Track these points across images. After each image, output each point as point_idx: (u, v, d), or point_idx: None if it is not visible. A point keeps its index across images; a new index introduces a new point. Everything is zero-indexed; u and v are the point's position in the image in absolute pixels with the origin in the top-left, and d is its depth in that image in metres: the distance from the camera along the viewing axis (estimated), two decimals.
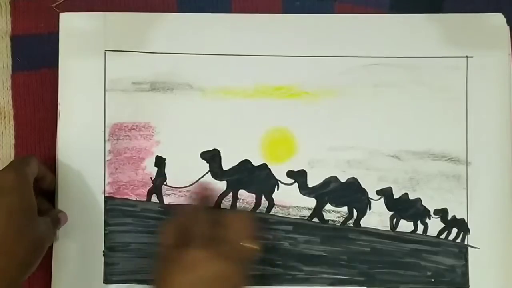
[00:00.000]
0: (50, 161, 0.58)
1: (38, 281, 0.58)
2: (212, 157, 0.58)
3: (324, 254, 0.58)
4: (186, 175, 0.58)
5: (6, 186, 0.48)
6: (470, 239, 0.58)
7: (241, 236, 0.49)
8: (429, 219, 0.58)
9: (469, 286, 0.57)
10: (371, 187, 0.58)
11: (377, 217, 0.58)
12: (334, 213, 0.58)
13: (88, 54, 0.58)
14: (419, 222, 0.58)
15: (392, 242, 0.58)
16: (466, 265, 0.58)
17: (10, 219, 0.48)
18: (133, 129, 0.58)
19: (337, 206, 0.58)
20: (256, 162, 0.58)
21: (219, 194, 0.58)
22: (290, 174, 0.58)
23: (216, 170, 0.58)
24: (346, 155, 0.58)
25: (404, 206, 0.58)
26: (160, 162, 0.58)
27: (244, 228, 0.50)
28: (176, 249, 0.48)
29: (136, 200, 0.58)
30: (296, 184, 0.58)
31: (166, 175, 0.58)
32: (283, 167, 0.58)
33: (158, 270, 0.50)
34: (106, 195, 0.58)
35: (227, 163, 0.58)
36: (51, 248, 0.57)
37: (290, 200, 0.58)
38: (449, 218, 0.58)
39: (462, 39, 0.58)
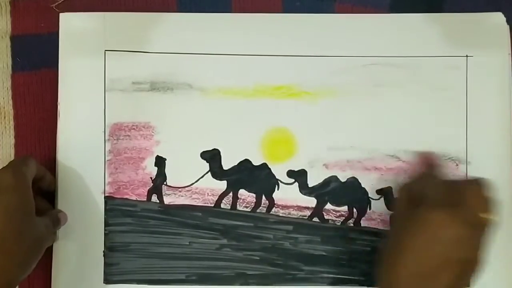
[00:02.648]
0: (50, 161, 0.58)
1: (38, 281, 0.58)
2: (212, 156, 0.58)
3: (325, 253, 0.58)
4: (186, 175, 0.58)
5: (4, 185, 0.48)
6: None
7: (480, 205, 0.47)
8: None
9: (469, 285, 0.57)
10: (371, 186, 0.58)
11: (377, 216, 0.58)
12: (334, 213, 0.58)
13: (88, 54, 0.58)
14: None
15: None
16: None
17: (8, 219, 0.48)
18: (133, 129, 0.58)
19: (337, 205, 0.58)
20: (256, 162, 0.58)
21: (219, 194, 0.58)
22: (290, 173, 0.58)
23: (216, 170, 0.58)
24: (346, 154, 0.58)
25: None
26: (160, 162, 0.58)
27: (482, 197, 0.48)
28: (410, 209, 0.48)
29: (136, 200, 0.58)
30: (296, 184, 0.58)
31: (166, 175, 0.58)
32: (283, 167, 0.58)
33: (394, 229, 0.50)
34: (106, 195, 0.58)
35: (227, 163, 0.58)
36: (51, 248, 0.57)
37: (291, 200, 0.58)
38: None
39: (462, 39, 0.58)
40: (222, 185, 0.58)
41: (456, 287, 0.47)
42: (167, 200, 0.58)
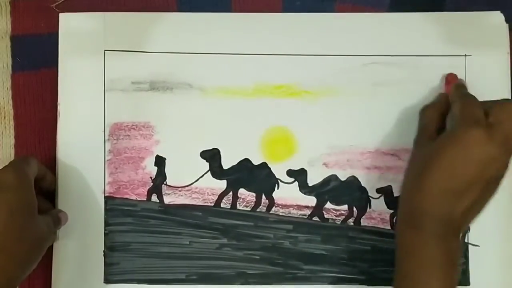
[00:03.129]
0: (50, 161, 0.58)
1: (38, 281, 0.58)
2: (212, 156, 0.58)
3: (325, 252, 0.58)
4: (186, 174, 0.58)
5: (6, 184, 0.48)
6: (470, 237, 0.58)
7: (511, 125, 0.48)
8: None
9: (469, 283, 0.57)
10: (371, 185, 0.58)
11: (377, 215, 0.58)
12: (334, 212, 0.58)
13: (88, 54, 0.58)
14: None
15: (392, 240, 0.57)
16: (466, 263, 0.57)
17: (10, 218, 0.48)
18: (133, 128, 0.58)
19: (337, 204, 0.58)
20: (256, 161, 0.58)
21: (219, 194, 0.58)
22: (290, 173, 0.58)
23: (216, 169, 0.58)
24: (346, 153, 0.58)
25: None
26: (160, 162, 0.58)
27: None
28: (449, 126, 0.50)
29: (136, 200, 0.58)
30: (296, 183, 0.58)
31: (166, 174, 0.58)
32: (283, 166, 0.58)
33: (422, 149, 0.51)
34: (106, 194, 0.58)
35: (227, 162, 0.58)
36: (51, 248, 0.57)
37: (290, 199, 0.58)
38: None
39: (461, 38, 0.58)
40: (222, 184, 0.58)
41: (483, 204, 0.48)
42: (167, 199, 0.58)
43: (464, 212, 0.47)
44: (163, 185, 0.58)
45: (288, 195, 0.58)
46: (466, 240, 0.58)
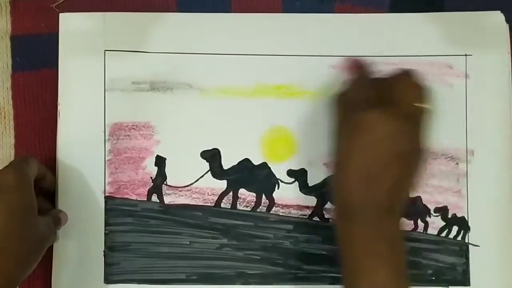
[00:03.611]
0: (50, 161, 0.58)
1: (38, 281, 0.58)
2: (212, 156, 0.58)
3: (325, 252, 0.58)
4: (186, 174, 0.58)
5: (6, 185, 0.48)
6: (471, 237, 0.58)
7: (410, 96, 0.48)
8: (430, 217, 0.58)
9: (470, 284, 0.57)
10: None
11: None
12: None
13: (88, 54, 0.58)
14: (419, 221, 0.58)
15: None
16: (467, 263, 0.57)
17: (10, 218, 0.48)
18: (133, 128, 0.58)
19: None
20: (256, 161, 0.58)
21: (219, 194, 0.58)
22: (290, 173, 0.58)
23: (216, 169, 0.58)
24: None
25: (404, 205, 0.58)
26: (160, 162, 0.58)
27: (411, 88, 0.49)
28: (346, 116, 0.49)
29: (136, 200, 0.58)
30: (296, 183, 0.58)
31: (166, 174, 0.58)
32: (283, 166, 0.58)
33: (336, 140, 0.51)
34: (106, 194, 0.58)
35: (227, 162, 0.58)
36: (51, 248, 0.57)
37: (291, 199, 0.58)
38: (449, 216, 0.58)
39: (461, 38, 0.58)
40: (222, 184, 0.58)
41: (405, 179, 0.48)
42: (167, 199, 0.58)
43: (389, 192, 0.47)
44: (163, 185, 0.58)
45: (288, 195, 0.58)
46: (466, 240, 0.58)
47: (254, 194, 0.58)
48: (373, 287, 0.46)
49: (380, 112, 0.46)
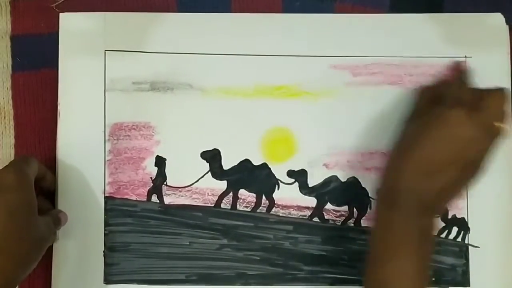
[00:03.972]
0: (50, 161, 0.58)
1: (38, 281, 0.58)
2: (212, 156, 0.58)
3: (325, 253, 0.58)
4: (186, 175, 0.58)
5: (6, 184, 0.48)
6: (471, 238, 0.58)
7: (498, 113, 0.48)
8: None
9: (469, 285, 0.57)
10: (371, 186, 0.58)
11: None
12: (335, 213, 0.58)
13: (88, 54, 0.58)
14: None
15: None
16: (466, 264, 0.58)
17: (10, 218, 0.48)
18: (133, 129, 0.58)
19: (337, 205, 0.58)
20: (256, 161, 0.58)
21: (219, 194, 0.58)
22: (290, 173, 0.58)
23: (217, 170, 0.58)
24: (346, 154, 0.58)
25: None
26: (160, 162, 0.58)
27: (501, 106, 0.49)
28: (428, 107, 0.50)
29: (136, 200, 0.58)
30: (296, 184, 0.58)
31: (166, 175, 0.58)
32: (284, 167, 0.58)
33: (409, 127, 0.51)
34: (106, 195, 0.58)
35: (228, 163, 0.58)
36: (51, 248, 0.57)
37: (291, 200, 0.58)
38: (449, 217, 0.58)
39: (461, 39, 0.58)
40: (222, 185, 0.58)
41: (456, 185, 0.48)
42: (167, 200, 0.58)
43: (438, 192, 0.47)
44: (163, 185, 0.58)
45: (288, 196, 0.58)
46: (466, 241, 0.58)
47: (254, 195, 0.58)
48: (397, 274, 0.46)
49: (466, 114, 0.47)
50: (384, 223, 0.48)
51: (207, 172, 0.58)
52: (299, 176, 0.58)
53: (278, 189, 0.58)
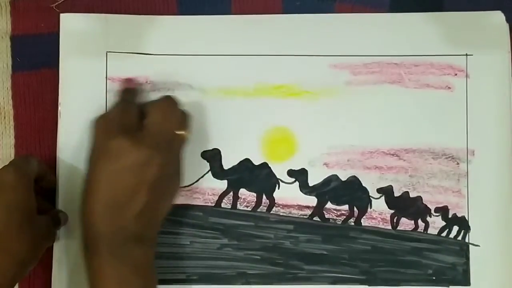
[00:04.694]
0: (50, 161, 0.58)
1: (38, 281, 0.57)
2: (212, 156, 0.58)
3: (325, 252, 0.58)
4: (186, 174, 0.58)
5: (6, 183, 0.48)
6: (471, 237, 0.58)
7: (165, 122, 0.49)
8: (430, 217, 0.58)
9: (470, 283, 0.57)
10: (371, 185, 0.58)
11: (378, 215, 0.58)
12: (335, 212, 0.58)
13: (89, 55, 0.58)
14: (419, 220, 0.58)
15: (393, 240, 0.58)
16: (467, 263, 0.57)
17: (9, 217, 0.48)
18: None
19: (338, 204, 0.58)
20: (256, 161, 0.58)
21: (219, 194, 0.58)
22: (290, 173, 0.58)
23: (217, 170, 0.58)
24: (347, 153, 0.58)
25: (404, 204, 0.58)
26: None
27: (168, 114, 0.49)
28: (101, 140, 0.49)
29: None
30: (296, 183, 0.58)
31: None
32: (284, 166, 0.58)
33: (88, 160, 0.50)
34: None
35: (228, 163, 0.58)
36: (51, 248, 0.57)
37: (291, 199, 0.58)
38: (449, 216, 0.58)
39: (462, 38, 0.59)
40: (223, 184, 0.58)
41: (157, 206, 0.48)
42: None
43: (136, 219, 0.47)
44: None
45: (288, 195, 0.58)
46: (467, 240, 0.58)
47: (255, 194, 0.58)
48: None
49: (127, 140, 0.46)
50: (95, 271, 0.48)
51: (207, 172, 0.58)
52: (299, 175, 0.58)
53: (278, 188, 0.58)
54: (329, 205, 0.58)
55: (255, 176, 0.58)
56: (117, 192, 0.46)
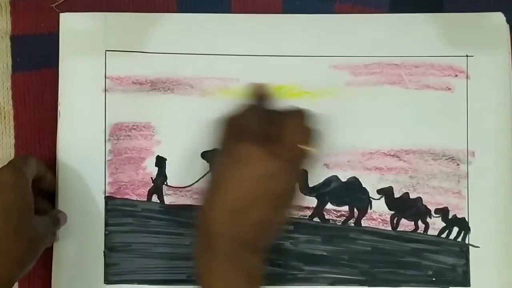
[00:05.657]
0: (50, 161, 0.58)
1: (38, 281, 0.58)
2: (212, 156, 0.58)
3: (325, 253, 0.58)
4: (186, 175, 0.58)
5: (3, 184, 0.48)
6: (471, 238, 0.58)
7: (298, 137, 0.47)
8: (430, 218, 0.58)
9: (470, 285, 0.57)
10: (371, 186, 0.58)
11: (378, 216, 0.58)
12: (335, 213, 0.58)
13: (88, 54, 0.58)
14: (419, 221, 0.58)
15: (393, 241, 0.58)
16: (467, 264, 0.58)
17: (6, 218, 0.48)
18: (134, 129, 0.58)
19: (338, 205, 0.58)
20: None
21: None
22: None
23: None
24: (347, 154, 0.58)
25: (405, 206, 0.58)
26: (160, 162, 0.58)
27: (301, 129, 0.47)
28: (230, 144, 0.48)
29: (137, 200, 0.58)
30: (296, 184, 0.58)
31: (167, 175, 0.58)
32: None
33: (213, 163, 0.50)
34: (106, 195, 0.58)
35: None
36: (51, 248, 0.57)
37: None
38: (449, 217, 0.58)
39: (462, 39, 0.58)
40: None
41: (274, 220, 0.47)
42: (167, 200, 0.58)
43: (253, 227, 0.46)
44: (163, 185, 0.58)
45: None
46: (467, 241, 0.58)
47: None
48: None
49: (261, 149, 0.45)
50: (207, 271, 0.47)
51: (207, 172, 0.58)
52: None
53: None
54: (329, 206, 0.58)
55: None
56: (240, 198, 0.45)
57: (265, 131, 0.47)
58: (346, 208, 0.58)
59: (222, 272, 0.46)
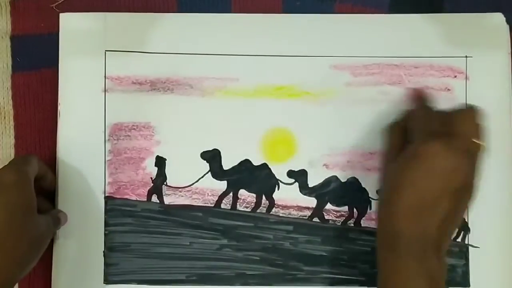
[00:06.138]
0: (50, 161, 0.58)
1: (38, 281, 0.58)
2: (212, 157, 0.58)
3: (325, 254, 0.58)
4: (186, 175, 0.58)
5: (6, 183, 0.48)
6: (471, 239, 0.58)
7: (471, 132, 0.48)
8: None
9: (469, 285, 0.57)
10: (371, 186, 0.58)
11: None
12: (335, 213, 0.58)
13: (88, 54, 0.58)
14: None
15: None
16: (466, 265, 0.57)
17: (9, 217, 0.48)
18: (133, 129, 0.58)
19: (337, 205, 0.58)
20: (256, 162, 0.58)
21: (219, 194, 0.58)
22: (290, 174, 0.58)
23: (217, 170, 0.58)
24: (347, 155, 0.58)
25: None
26: (160, 162, 0.58)
27: (473, 124, 0.48)
28: (407, 143, 0.49)
29: (137, 200, 0.58)
30: (296, 184, 0.58)
31: (167, 175, 0.58)
32: (284, 167, 0.58)
33: (390, 167, 0.51)
34: (106, 195, 0.58)
35: (228, 163, 0.58)
36: (51, 248, 0.57)
37: (291, 200, 0.58)
38: None
39: (462, 39, 0.58)
40: (222, 185, 0.58)
41: (454, 215, 0.48)
42: (167, 200, 0.58)
43: (439, 227, 0.46)
44: (163, 185, 0.58)
45: (288, 196, 0.58)
46: (466, 242, 0.58)
47: (254, 195, 0.58)
48: None
49: (443, 145, 0.46)
50: (390, 270, 0.47)
51: (207, 172, 0.58)
52: (299, 176, 0.58)
53: (278, 189, 0.58)
54: (328, 206, 0.58)
55: (255, 177, 0.58)
56: (422, 196, 0.46)
57: (437, 128, 0.48)
58: (345, 208, 0.58)
59: (406, 272, 0.46)
